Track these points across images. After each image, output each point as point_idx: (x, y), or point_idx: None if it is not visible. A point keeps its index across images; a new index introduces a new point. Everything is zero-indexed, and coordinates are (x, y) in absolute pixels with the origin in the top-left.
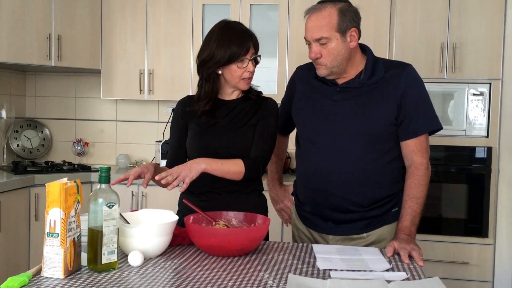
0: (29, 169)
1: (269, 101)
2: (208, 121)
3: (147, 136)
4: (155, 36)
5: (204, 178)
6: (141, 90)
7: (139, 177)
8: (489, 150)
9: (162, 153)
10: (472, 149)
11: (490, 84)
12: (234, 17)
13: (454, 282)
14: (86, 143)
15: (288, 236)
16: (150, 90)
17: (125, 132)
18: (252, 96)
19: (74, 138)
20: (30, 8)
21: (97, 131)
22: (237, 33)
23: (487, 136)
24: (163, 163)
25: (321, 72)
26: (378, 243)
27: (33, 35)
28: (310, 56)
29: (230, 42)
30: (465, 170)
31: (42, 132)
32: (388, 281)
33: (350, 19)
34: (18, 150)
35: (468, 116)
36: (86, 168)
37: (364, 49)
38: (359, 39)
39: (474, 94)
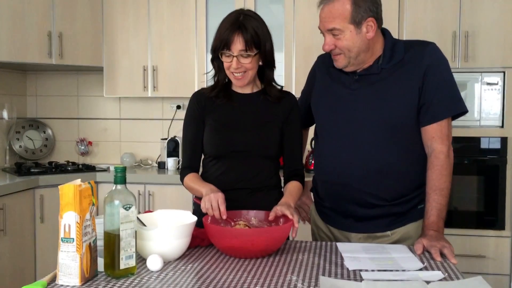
0: (33, 170)
1: (291, 96)
2: (227, 116)
3: (152, 134)
4: (158, 31)
5: (225, 176)
6: (145, 87)
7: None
8: (504, 140)
9: (168, 151)
10: (487, 140)
11: (504, 72)
12: None
13: (470, 276)
14: (90, 143)
15: (303, 234)
16: (154, 87)
17: (129, 131)
18: (270, 98)
19: (77, 137)
20: (30, 5)
21: (101, 130)
22: (226, 24)
23: (502, 126)
24: (169, 161)
25: (339, 63)
26: (402, 241)
27: (33, 33)
28: (324, 48)
29: (217, 33)
30: (479, 162)
31: (45, 132)
32: (427, 282)
33: (365, 9)
34: (20, 151)
35: (482, 106)
36: (91, 168)
37: (385, 33)
38: (379, 27)
39: (487, 83)
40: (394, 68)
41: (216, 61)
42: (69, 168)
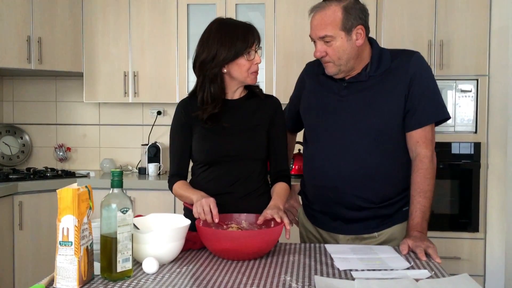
0: (11, 176)
1: (274, 100)
2: (216, 122)
3: (132, 140)
4: (139, 37)
5: (217, 182)
6: (125, 93)
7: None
8: (477, 145)
9: (149, 157)
10: (461, 145)
11: (477, 80)
12: None
13: None
14: (69, 148)
15: (292, 237)
16: (135, 93)
17: (109, 136)
18: (257, 91)
19: (56, 143)
20: (8, 9)
21: (80, 135)
22: (239, 27)
23: (476, 132)
24: (150, 166)
25: (330, 70)
26: (389, 242)
27: (12, 38)
28: (315, 55)
29: (234, 38)
30: (454, 166)
31: (22, 138)
32: (416, 280)
33: (355, 16)
34: None
35: (456, 112)
36: (70, 174)
37: (372, 42)
38: (367, 35)
39: (462, 91)
40: (381, 76)
41: (218, 74)
42: (48, 174)
